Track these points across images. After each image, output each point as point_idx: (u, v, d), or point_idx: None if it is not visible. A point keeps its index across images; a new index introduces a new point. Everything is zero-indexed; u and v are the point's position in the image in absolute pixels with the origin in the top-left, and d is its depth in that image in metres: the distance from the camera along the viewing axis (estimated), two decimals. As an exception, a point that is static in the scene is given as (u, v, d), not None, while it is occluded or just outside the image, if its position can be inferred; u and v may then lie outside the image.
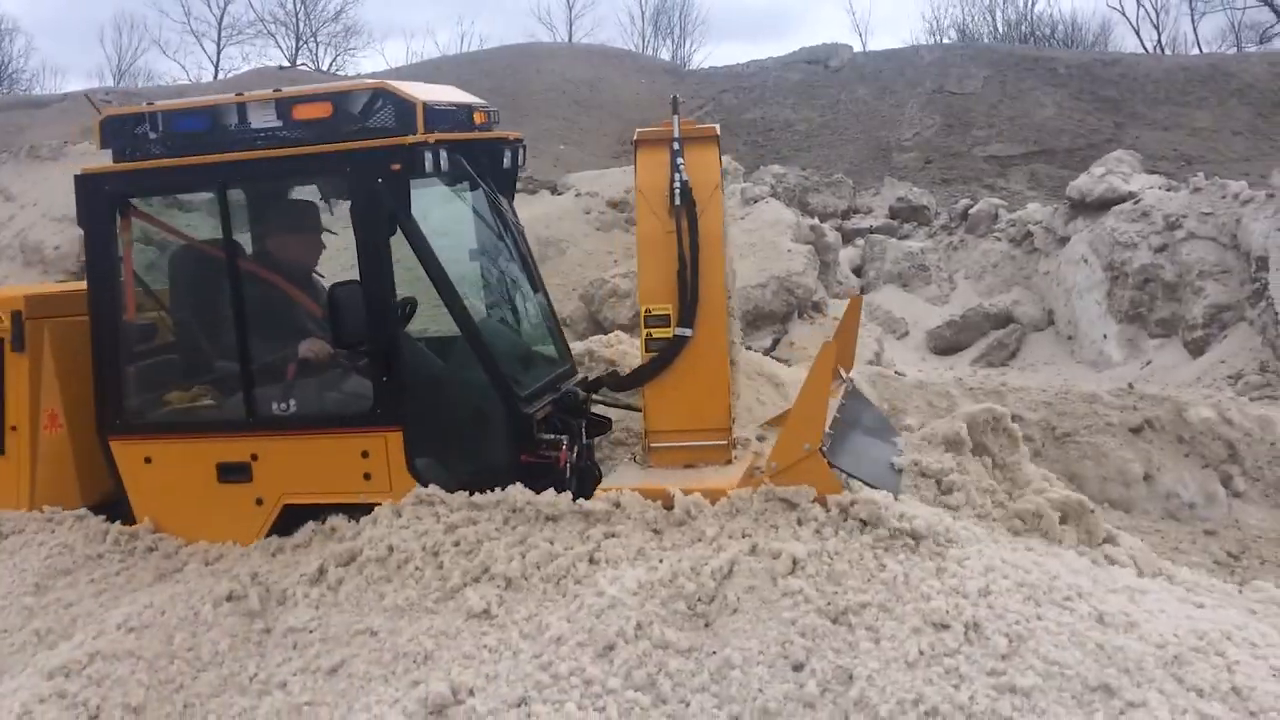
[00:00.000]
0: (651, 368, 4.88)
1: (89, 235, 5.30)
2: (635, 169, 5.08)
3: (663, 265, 4.87)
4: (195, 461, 5.09)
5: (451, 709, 3.66)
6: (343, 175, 5.05)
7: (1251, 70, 23.94)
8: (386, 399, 4.95)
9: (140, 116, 5.15)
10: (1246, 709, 3.32)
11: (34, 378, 5.40)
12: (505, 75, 26.42)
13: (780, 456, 4.42)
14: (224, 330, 5.19)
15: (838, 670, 3.58)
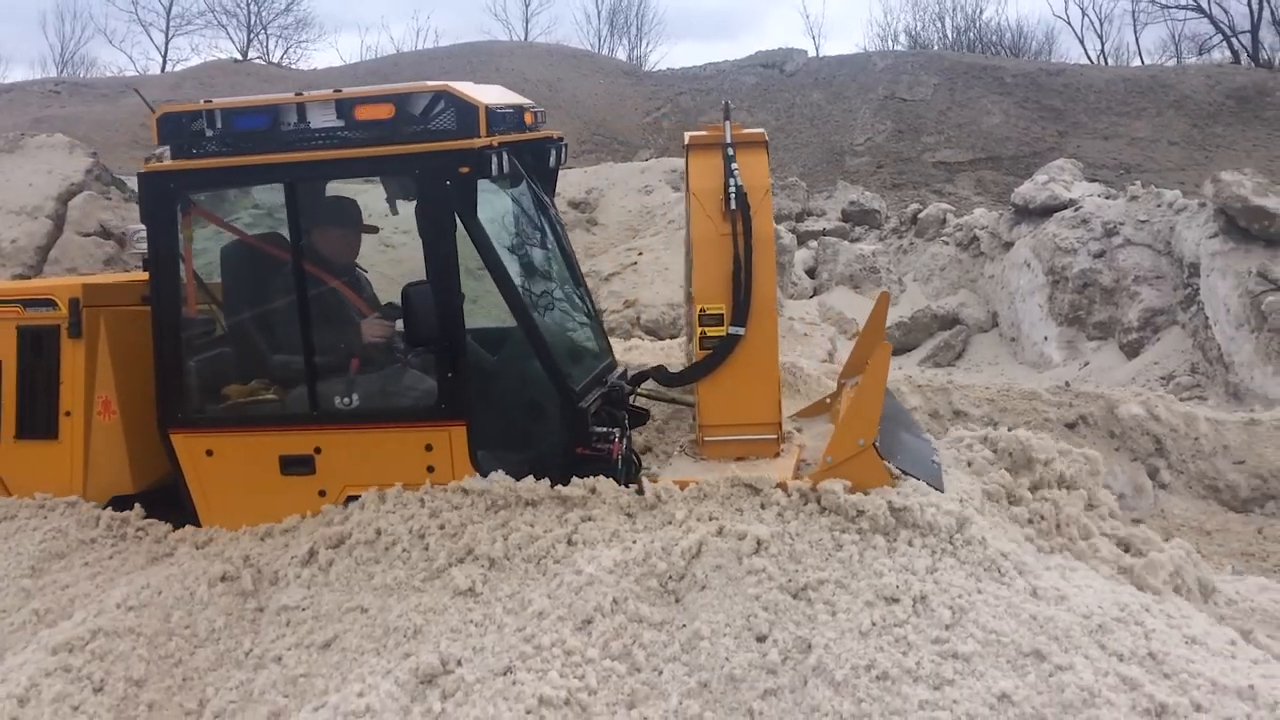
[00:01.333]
0: (706, 364, 5.07)
1: (152, 231, 5.31)
2: (687, 172, 5.26)
3: (717, 266, 5.05)
4: (257, 454, 5.14)
5: (441, 678, 3.93)
6: (411, 176, 5.12)
7: (1189, 82, 24.75)
8: (451, 394, 5.04)
9: (197, 114, 5.19)
10: (1161, 671, 3.70)
11: (89, 365, 5.47)
12: (464, 73, 26.54)
13: (836, 450, 4.65)
14: (286, 325, 5.26)
15: (798, 640, 3.91)
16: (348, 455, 5.07)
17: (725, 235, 5.04)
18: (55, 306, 5.51)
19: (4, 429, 5.55)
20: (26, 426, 5.53)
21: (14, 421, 5.55)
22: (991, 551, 4.29)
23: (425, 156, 4.95)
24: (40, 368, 5.52)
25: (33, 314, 5.56)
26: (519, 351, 5.27)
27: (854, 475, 4.60)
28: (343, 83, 27.58)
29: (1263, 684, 3.70)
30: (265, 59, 42.69)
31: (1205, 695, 3.58)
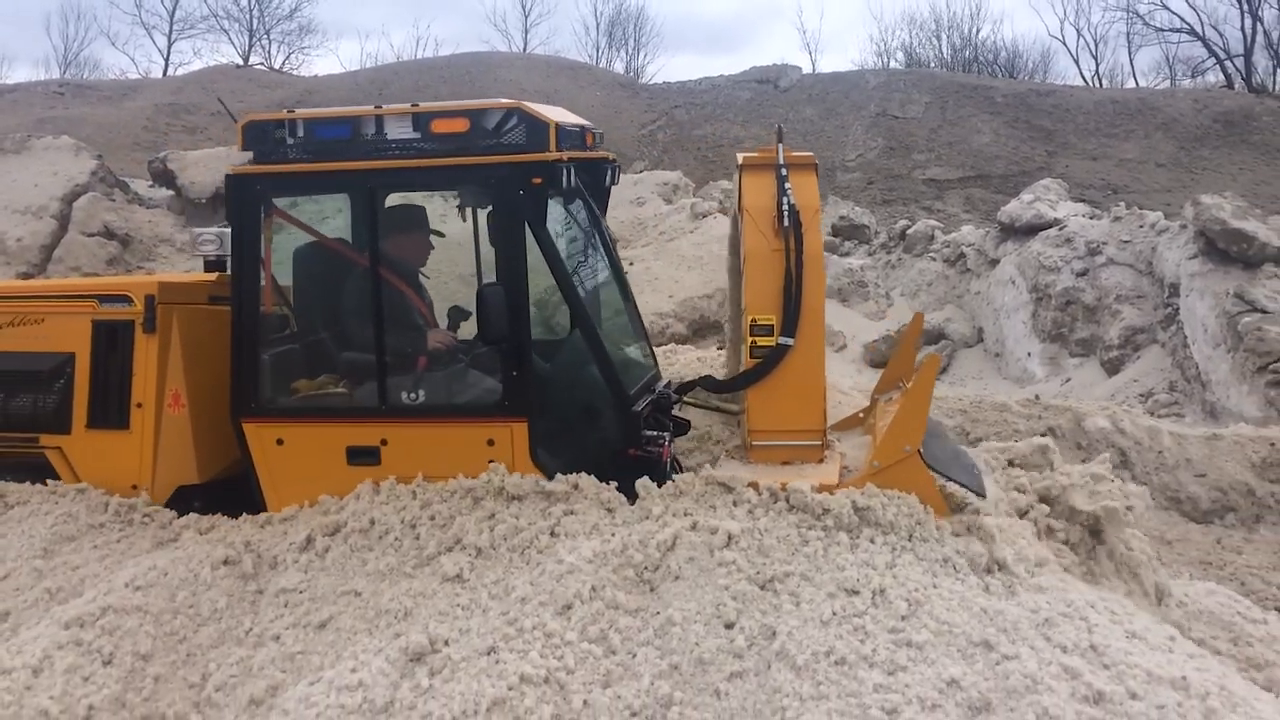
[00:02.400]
0: (756, 373, 5.30)
1: (237, 230, 5.54)
2: (740, 191, 5.55)
3: (769, 279, 5.30)
4: (326, 444, 5.38)
5: (429, 656, 4.19)
6: (487, 186, 5.45)
7: (1177, 105, 25.14)
8: (515, 392, 5.32)
9: (280, 123, 5.47)
10: (1101, 662, 3.96)
11: (161, 359, 5.67)
12: (462, 82, 26.90)
13: (883, 456, 4.90)
14: (358, 325, 5.52)
15: (763, 628, 4.17)
16: (412, 448, 5.31)
17: (777, 251, 5.29)
18: (131, 302, 5.72)
19: (75, 417, 5.75)
20: (98, 416, 5.72)
21: (85, 411, 5.74)
22: (948, 549, 4.57)
23: (501, 167, 5.25)
24: (113, 360, 5.72)
25: (108, 309, 5.77)
26: (575, 356, 5.56)
27: (899, 479, 4.83)
28: (345, 90, 27.95)
29: (1195, 675, 3.97)
30: (267, 64, 43.08)
31: (1141, 685, 3.82)
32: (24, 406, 5.82)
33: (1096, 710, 3.66)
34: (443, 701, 3.94)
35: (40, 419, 5.79)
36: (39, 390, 5.79)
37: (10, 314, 5.88)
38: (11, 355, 5.84)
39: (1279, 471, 7.45)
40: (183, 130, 25.77)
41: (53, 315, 5.86)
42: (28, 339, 5.83)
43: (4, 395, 5.84)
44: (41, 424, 5.79)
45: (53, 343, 5.81)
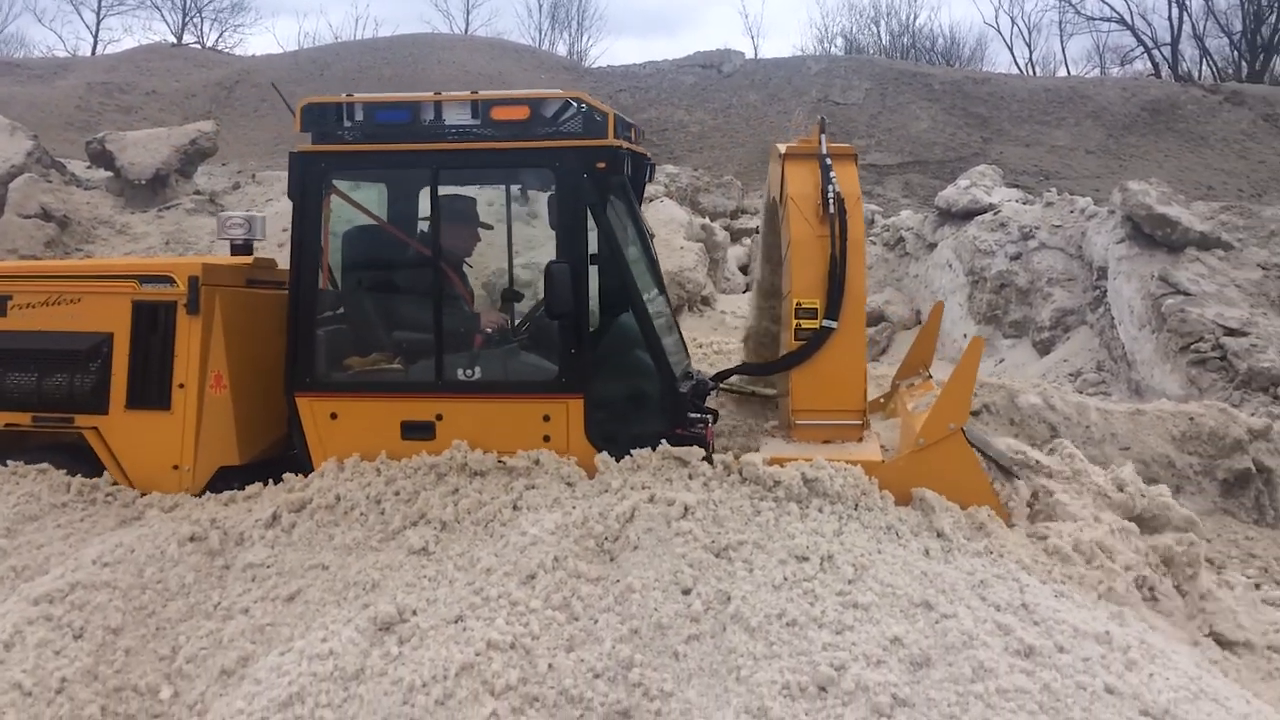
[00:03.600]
0: (800, 354, 5.49)
1: (298, 208, 5.63)
2: (784, 179, 5.71)
3: (813, 265, 5.49)
4: (380, 419, 5.49)
5: (398, 625, 4.35)
6: (551, 169, 5.58)
7: (1106, 94, 25.79)
8: (572, 369, 5.47)
9: (339, 106, 5.60)
10: (1031, 619, 4.24)
11: (204, 340, 5.72)
12: (406, 64, 26.74)
13: (928, 433, 5.10)
14: (411, 304, 5.68)
15: (719, 593, 4.38)
16: (468, 423, 5.45)
17: (821, 237, 5.49)
18: (173, 283, 5.75)
19: (113, 398, 5.76)
20: (138, 396, 5.74)
21: (125, 391, 5.75)
22: (890, 518, 4.84)
23: (566, 152, 5.44)
24: (154, 341, 5.73)
25: (149, 289, 5.79)
26: (624, 337, 5.70)
27: (943, 457, 5.06)
28: (285, 70, 27.65)
29: (1117, 630, 4.28)
30: (200, 43, 42.34)
31: (1068, 639, 4.11)
32: (59, 386, 5.80)
33: (1027, 663, 3.92)
34: (412, 667, 4.09)
35: (76, 399, 5.79)
36: (75, 370, 5.79)
37: (45, 293, 5.86)
38: (47, 335, 5.82)
39: (1197, 444, 7.83)
40: (117, 110, 25.34)
41: (90, 295, 5.84)
42: (63, 318, 5.82)
43: (38, 375, 5.82)
44: (77, 404, 5.79)
45: (90, 322, 5.81)
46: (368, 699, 4.02)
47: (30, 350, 5.82)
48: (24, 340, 5.83)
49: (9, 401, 5.85)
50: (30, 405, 5.83)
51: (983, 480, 5.16)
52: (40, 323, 5.84)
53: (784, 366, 5.61)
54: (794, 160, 5.77)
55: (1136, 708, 3.76)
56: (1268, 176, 20.87)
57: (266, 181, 18.01)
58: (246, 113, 25.00)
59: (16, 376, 5.84)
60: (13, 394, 5.85)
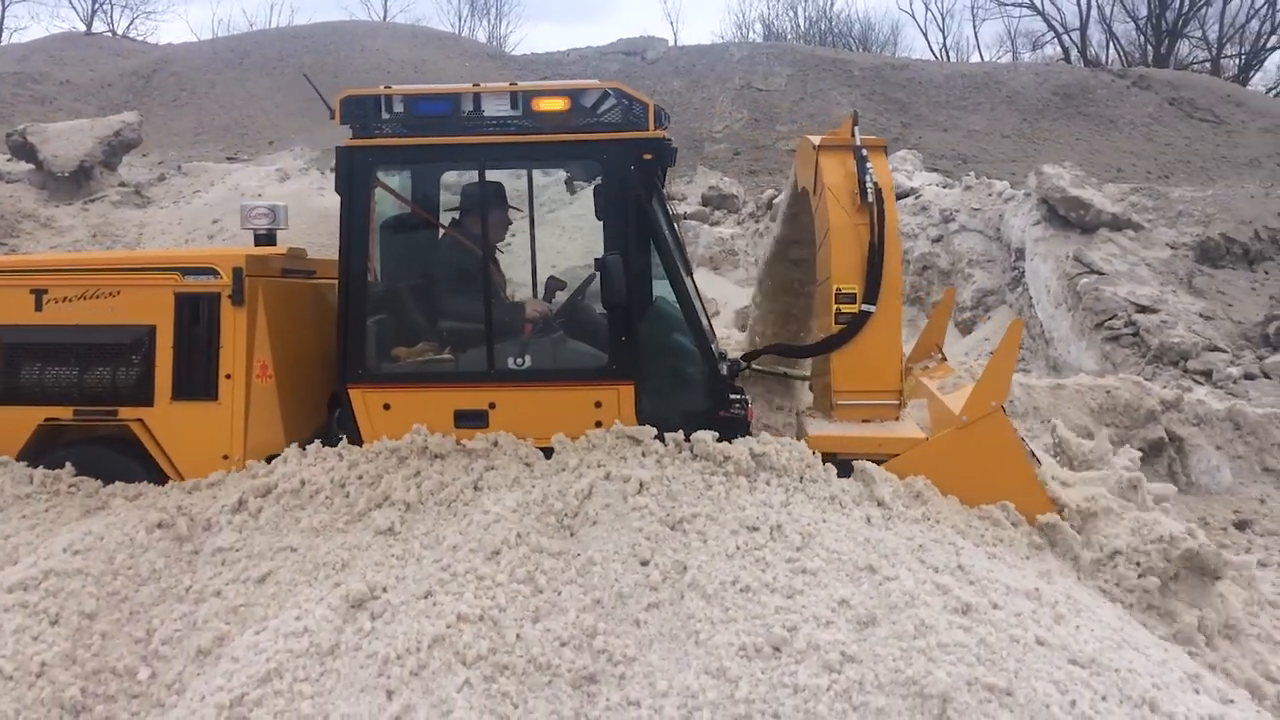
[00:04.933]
0: (840, 337, 5.69)
1: (346, 202, 5.65)
2: (819, 170, 5.88)
3: (851, 251, 5.68)
4: (433, 408, 5.58)
5: (370, 602, 4.52)
6: (599, 161, 5.67)
7: (1020, 79, 26.52)
8: (623, 356, 5.58)
9: (378, 98, 5.62)
10: (968, 579, 4.55)
11: (249, 330, 5.77)
12: (326, 52, 26.46)
13: (971, 411, 5.32)
14: (459, 293, 5.75)
15: (675, 563, 4.62)
16: (520, 410, 5.56)
17: (860, 225, 5.70)
18: (216, 275, 5.78)
19: (158, 390, 5.77)
20: (184, 388, 5.78)
21: (170, 383, 5.77)
22: (834, 489, 5.13)
23: (615, 143, 5.55)
24: (197, 332, 5.76)
25: (192, 281, 5.81)
26: (663, 323, 5.83)
27: (985, 434, 5.28)
28: (202, 59, 27.19)
29: (1046, 587, 4.61)
30: (112, 31, 41.29)
31: (1001, 596, 4.42)
32: (101, 379, 5.82)
33: (965, 619, 4.21)
34: (386, 641, 4.26)
35: (120, 392, 5.81)
36: (117, 363, 5.80)
37: (82, 286, 5.86)
38: (86, 329, 5.83)
39: (1114, 416, 8.30)
40: (31, 101, 24.73)
41: (129, 288, 5.85)
42: (102, 312, 5.83)
43: (79, 368, 5.83)
44: (121, 396, 5.81)
45: (131, 315, 5.82)
46: (344, 672, 4.17)
47: (70, 344, 5.83)
48: (62, 334, 5.84)
49: (49, 395, 5.85)
50: (71, 399, 5.84)
51: (1022, 456, 5.42)
52: (78, 316, 5.84)
53: (825, 349, 5.79)
54: (828, 151, 5.99)
55: (1065, 657, 4.05)
56: (1174, 159, 21.67)
57: (193, 173, 17.79)
58: (166, 102, 24.55)
59: (56, 371, 5.85)
60: (52, 388, 5.85)
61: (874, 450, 5.46)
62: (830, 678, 3.91)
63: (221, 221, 14.75)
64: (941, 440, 5.41)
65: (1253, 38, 39.95)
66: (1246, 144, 21.92)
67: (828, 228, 5.82)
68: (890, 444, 5.48)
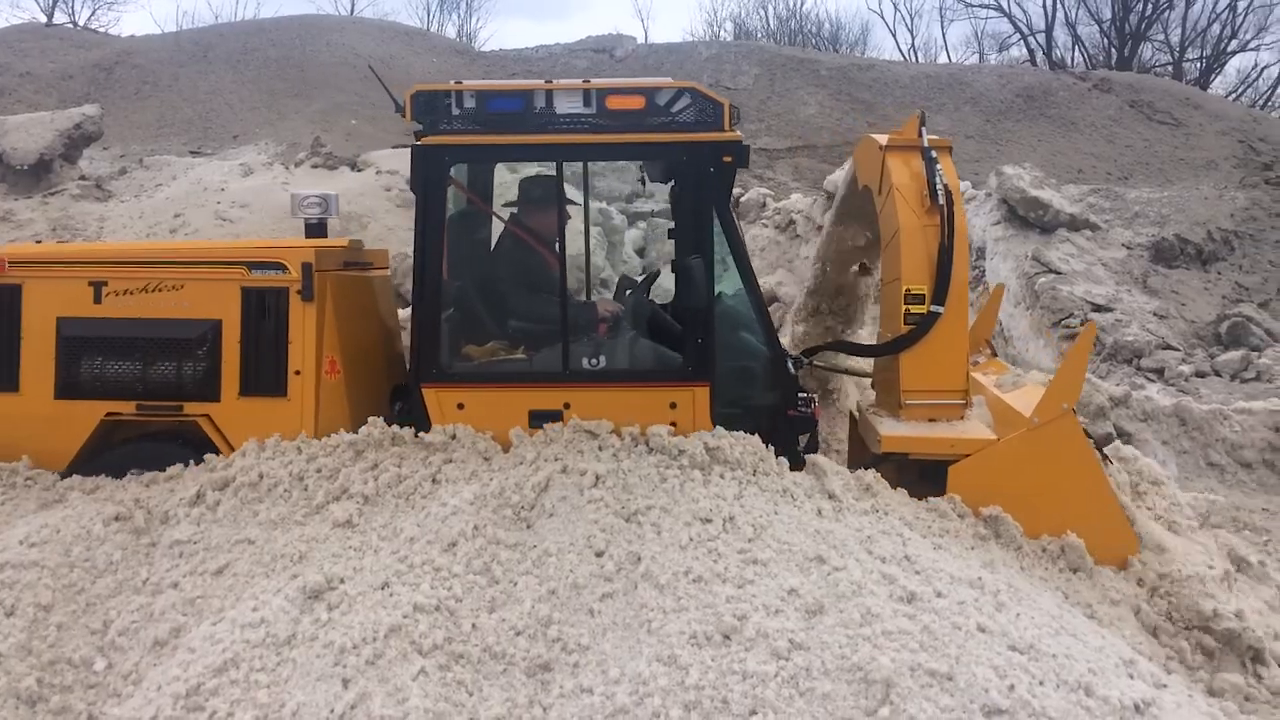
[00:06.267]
0: (910, 338, 5.74)
1: (422, 199, 5.63)
2: (885, 170, 5.91)
3: (920, 252, 5.72)
4: (508, 408, 5.59)
5: (327, 593, 4.56)
6: (678, 162, 5.65)
7: (983, 80, 26.78)
8: (698, 357, 5.61)
9: (448, 93, 5.60)
10: (913, 569, 4.67)
11: (319, 325, 5.74)
12: (293, 46, 26.29)
13: (1043, 413, 5.40)
14: (535, 292, 5.74)
15: (630, 554, 4.71)
16: (595, 410, 5.55)
17: (929, 226, 5.73)
18: (285, 269, 5.74)
19: (225, 385, 5.73)
20: (252, 384, 5.74)
21: (238, 379, 5.74)
22: (786, 481, 5.23)
23: (693, 145, 5.53)
24: (265, 327, 5.71)
25: (259, 276, 5.76)
26: (733, 321, 5.86)
27: (1057, 435, 5.35)
28: (166, 51, 26.94)
29: (988, 576, 4.75)
30: (74, 22, 40.82)
31: (945, 585, 4.54)
32: (165, 375, 5.76)
33: (909, 607, 4.32)
34: (343, 631, 4.30)
35: (185, 387, 5.76)
36: (183, 358, 5.75)
37: (143, 280, 5.78)
38: (149, 322, 5.77)
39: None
40: (-10, 92, 24.45)
41: (193, 281, 5.78)
42: (165, 305, 5.76)
43: (143, 363, 5.76)
44: (186, 392, 5.76)
45: (196, 309, 5.76)
46: (301, 662, 4.21)
47: (133, 338, 5.77)
48: (124, 327, 5.77)
49: (110, 390, 5.79)
50: (135, 394, 5.78)
51: (1093, 458, 5.52)
52: (140, 310, 5.78)
53: (894, 349, 5.85)
54: (895, 152, 6.02)
55: (1005, 643, 4.16)
56: (1133, 160, 21.98)
57: (155, 166, 17.67)
58: (128, 95, 24.31)
59: (118, 365, 5.78)
60: (114, 383, 5.79)
61: (945, 451, 5.56)
62: (778, 664, 4.00)
63: (184, 216, 14.68)
64: (1012, 442, 5.49)
65: (1214, 41, 40.61)
66: (1204, 146, 22.27)
67: (896, 228, 5.85)
68: (962, 444, 5.57)
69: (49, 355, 5.78)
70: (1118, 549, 5.48)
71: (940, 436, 5.60)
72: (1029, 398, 5.82)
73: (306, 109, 22.94)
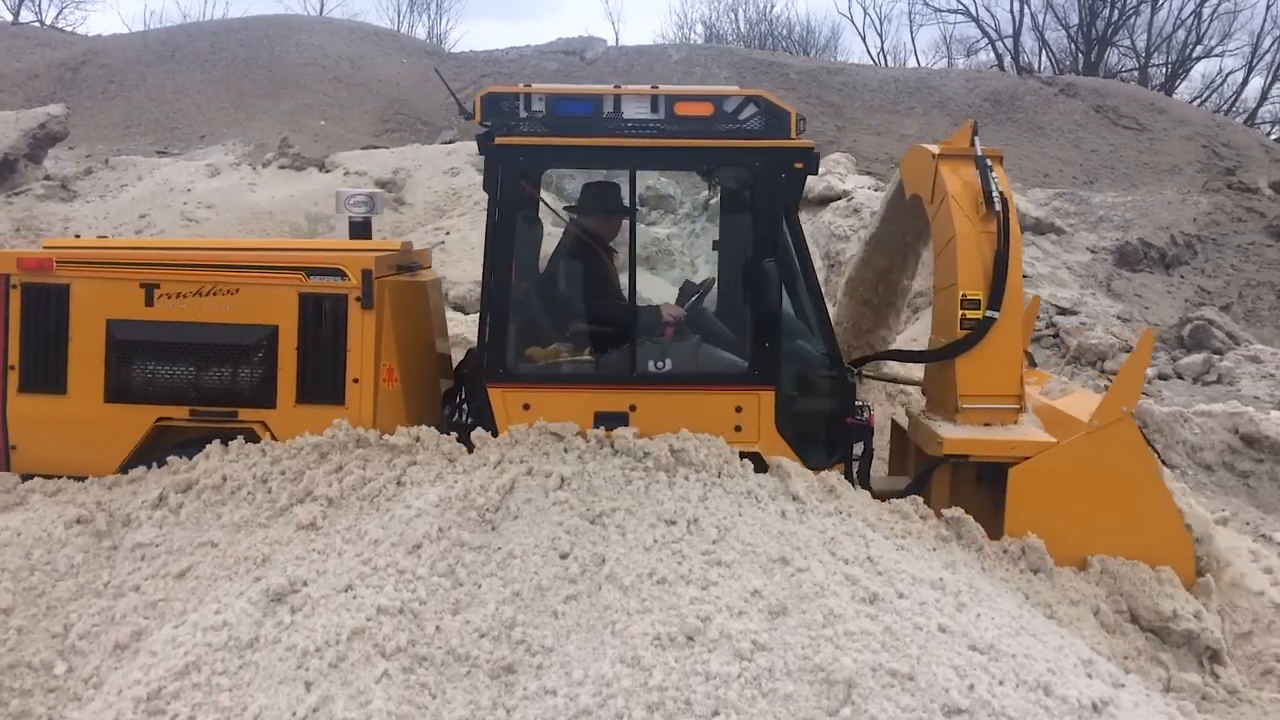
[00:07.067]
0: (966, 342, 5.79)
1: (496, 200, 5.63)
2: (939, 178, 5.98)
3: (975, 258, 5.79)
4: (574, 410, 5.58)
5: (290, 596, 4.54)
6: (749, 169, 5.74)
7: (951, 85, 26.98)
8: (764, 361, 5.65)
9: (517, 96, 5.64)
10: (876, 570, 4.71)
11: (377, 334, 5.70)
12: (261, 46, 26.10)
13: (1103, 415, 5.48)
14: (606, 295, 5.84)
15: (594, 556, 4.72)
16: (661, 413, 5.58)
17: (985, 233, 5.81)
18: (344, 276, 5.68)
19: (281, 392, 5.68)
20: (309, 391, 5.69)
21: (294, 386, 5.68)
22: (751, 483, 5.26)
23: (765, 152, 5.60)
24: (324, 335, 5.66)
25: (318, 282, 5.70)
26: (791, 328, 5.89)
27: (1116, 438, 5.46)
28: (134, 51, 26.70)
29: (950, 577, 4.80)
30: (40, 21, 40.41)
31: (907, 586, 4.59)
32: (220, 379, 5.70)
33: (872, 608, 4.36)
34: (305, 634, 4.29)
35: (239, 393, 5.70)
36: (238, 363, 5.69)
37: (197, 283, 5.72)
38: (203, 327, 5.70)
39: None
40: (-48, 90, 24.15)
41: (249, 286, 5.72)
42: (219, 310, 5.71)
43: (196, 368, 5.69)
44: (241, 398, 5.70)
45: (251, 315, 5.71)
46: (263, 665, 4.20)
47: (186, 343, 5.71)
48: (177, 332, 5.71)
49: (163, 394, 5.73)
50: (188, 399, 5.72)
51: (1151, 461, 5.61)
52: (194, 314, 5.71)
53: (949, 354, 5.91)
54: (948, 160, 6.10)
55: (966, 643, 4.21)
56: (1098, 165, 22.19)
57: (120, 166, 17.52)
58: (94, 95, 24.07)
59: (170, 369, 5.72)
60: (167, 387, 5.72)
61: (1005, 453, 5.63)
62: (741, 665, 4.02)
63: (149, 216, 14.56)
64: (1072, 444, 5.58)
65: (1179, 47, 41.10)
66: (1168, 151, 22.53)
67: (951, 235, 5.92)
68: (1022, 447, 5.64)
69: (98, 358, 5.72)
70: (1172, 551, 5.60)
71: (1001, 439, 5.69)
72: (1082, 403, 5.97)
73: (275, 109, 22.78)
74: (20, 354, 5.73)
